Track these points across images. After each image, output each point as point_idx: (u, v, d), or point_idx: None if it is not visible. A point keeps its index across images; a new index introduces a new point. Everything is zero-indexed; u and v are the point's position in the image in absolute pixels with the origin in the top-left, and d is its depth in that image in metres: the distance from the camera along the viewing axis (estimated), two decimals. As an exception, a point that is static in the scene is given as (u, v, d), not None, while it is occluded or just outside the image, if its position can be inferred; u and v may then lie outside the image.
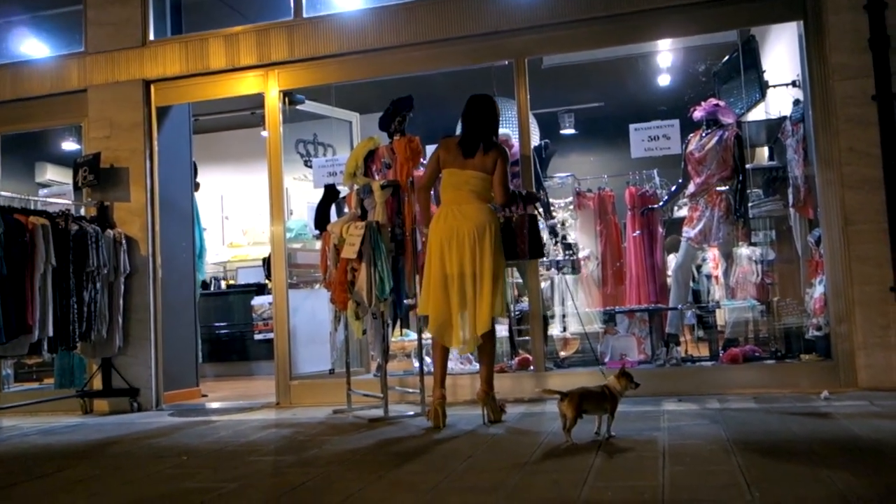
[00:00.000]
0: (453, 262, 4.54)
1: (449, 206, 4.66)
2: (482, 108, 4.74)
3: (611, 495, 2.70)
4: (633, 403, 4.80)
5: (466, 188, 4.63)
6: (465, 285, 4.53)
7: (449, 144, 4.75)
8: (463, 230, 4.54)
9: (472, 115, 4.74)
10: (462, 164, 4.64)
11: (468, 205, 4.61)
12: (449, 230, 4.57)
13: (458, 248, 4.53)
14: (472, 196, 4.63)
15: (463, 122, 4.77)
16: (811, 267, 5.71)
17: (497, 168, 4.63)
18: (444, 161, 4.72)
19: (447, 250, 4.56)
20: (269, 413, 5.70)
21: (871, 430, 3.65)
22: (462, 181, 4.64)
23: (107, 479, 3.62)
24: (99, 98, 6.58)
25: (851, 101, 5.12)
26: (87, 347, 6.12)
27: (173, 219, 6.74)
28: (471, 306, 4.52)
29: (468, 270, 4.52)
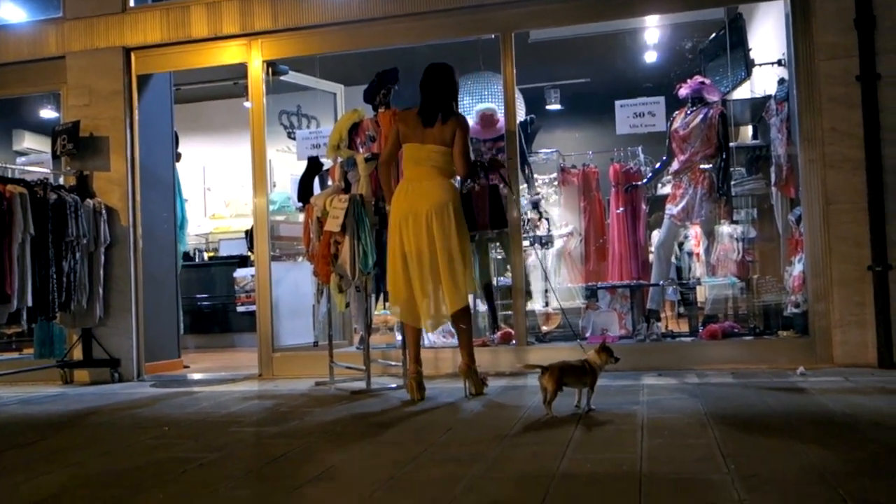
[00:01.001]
0: (411, 241, 4.50)
1: (409, 182, 4.60)
2: (440, 76, 4.64)
3: (590, 467, 2.74)
4: (614, 378, 4.84)
5: (427, 163, 4.56)
6: (424, 265, 4.49)
7: (407, 117, 4.67)
8: (421, 209, 4.49)
9: (429, 84, 4.64)
10: (422, 137, 4.56)
11: (428, 181, 4.54)
12: (407, 208, 4.52)
13: (416, 228, 4.49)
14: (433, 172, 4.56)
15: (421, 91, 4.67)
16: (791, 245, 5.76)
17: (456, 139, 4.54)
18: (403, 135, 4.63)
19: (405, 229, 4.52)
20: (251, 385, 5.70)
21: (844, 405, 3.71)
22: (423, 156, 4.57)
23: (87, 449, 3.62)
24: (78, 65, 6.48)
25: (836, 80, 5.13)
26: (66, 318, 6.09)
27: (154, 189, 6.68)
28: (436, 286, 4.49)
29: (426, 249, 4.47)
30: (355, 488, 2.60)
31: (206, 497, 2.60)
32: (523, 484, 2.57)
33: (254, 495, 2.62)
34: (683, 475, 2.58)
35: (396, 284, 4.58)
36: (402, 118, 4.70)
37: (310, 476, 2.80)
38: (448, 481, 2.62)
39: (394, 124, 4.72)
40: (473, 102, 7.06)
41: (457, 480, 2.62)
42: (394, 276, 4.60)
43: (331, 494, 2.57)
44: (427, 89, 4.64)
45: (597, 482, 2.56)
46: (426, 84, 4.65)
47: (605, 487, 2.49)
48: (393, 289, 4.62)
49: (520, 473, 2.71)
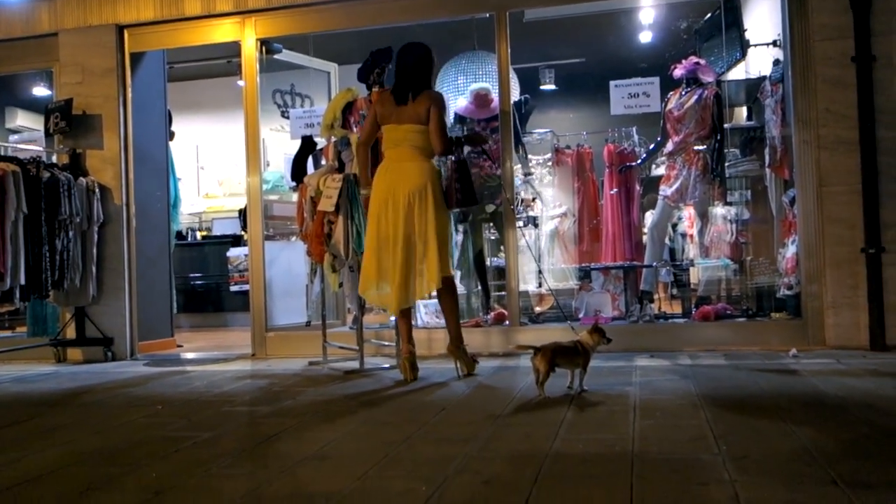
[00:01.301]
0: (388, 224, 4.48)
1: (389, 163, 4.57)
2: (413, 55, 4.62)
3: (582, 447, 2.75)
4: (606, 359, 4.86)
5: (406, 144, 4.53)
6: (399, 248, 4.46)
7: (383, 98, 4.65)
8: (399, 191, 4.46)
9: (402, 63, 4.62)
10: (399, 118, 4.53)
11: (408, 162, 4.52)
12: (386, 190, 4.50)
13: (394, 211, 4.47)
14: (413, 152, 4.53)
15: (395, 71, 4.67)
16: (784, 227, 5.77)
17: (431, 116, 4.49)
18: (381, 116, 4.60)
19: (383, 212, 4.50)
20: (244, 364, 5.71)
21: (836, 387, 3.73)
22: (401, 137, 4.54)
23: (80, 427, 3.62)
24: (70, 42, 6.42)
25: (831, 61, 5.12)
26: (59, 296, 6.08)
27: (147, 168, 6.65)
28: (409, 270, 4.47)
29: (402, 233, 4.45)
30: (348, 467, 2.61)
31: (200, 476, 2.61)
32: (516, 464, 2.58)
33: (247, 474, 2.63)
34: (675, 456, 2.60)
35: (369, 269, 4.56)
36: (378, 99, 4.68)
37: (303, 455, 2.81)
38: (441, 461, 2.63)
39: (372, 107, 4.69)
40: (468, 82, 7.02)
41: (450, 460, 2.63)
42: (367, 260, 4.59)
43: (323, 473, 2.59)
44: (400, 68, 4.62)
45: (589, 462, 2.57)
46: (399, 63, 4.63)
47: (597, 467, 2.51)
48: (365, 273, 4.59)
49: (512, 453, 2.73)
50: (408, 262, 4.47)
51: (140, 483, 2.55)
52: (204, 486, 2.50)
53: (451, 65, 7.31)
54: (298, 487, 2.43)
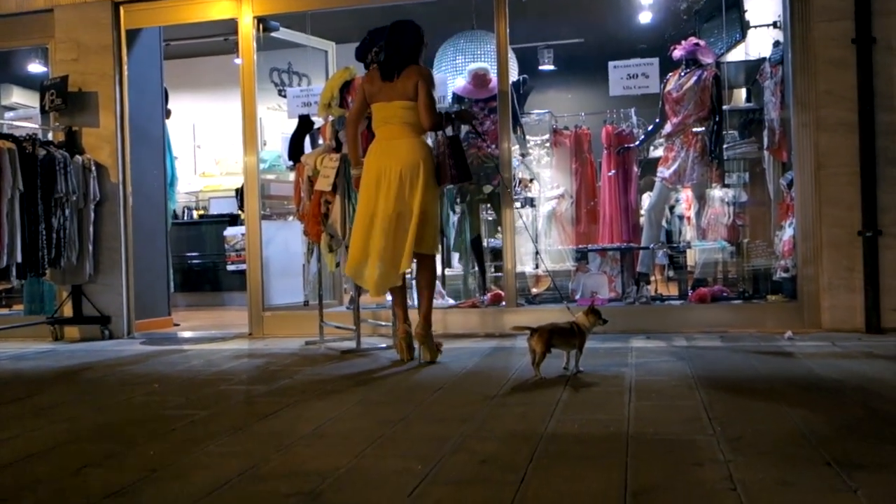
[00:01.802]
0: (380, 201, 4.40)
1: (380, 142, 4.51)
2: (400, 32, 4.54)
3: (577, 428, 2.76)
4: (602, 340, 4.88)
5: (397, 121, 4.46)
6: (389, 226, 4.38)
7: (371, 76, 4.58)
8: (392, 169, 4.39)
9: (388, 40, 4.57)
10: (388, 94, 4.45)
11: (400, 140, 4.44)
12: (378, 168, 4.43)
13: (386, 188, 4.39)
14: (404, 129, 4.46)
15: (385, 44, 4.63)
16: (782, 209, 5.77)
17: (420, 91, 4.41)
18: (369, 94, 4.52)
19: (374, 189, 4.42)
20: (241, 343, 5.72)
21: (831, 369, 3.75)
22: (391, 114, 4.46)
23: (77, 404, 3.63)
24: (66, 18, 6.37)
25: (832, 43, 5.10)
26: (56, 274, 6.07)
27: (144, 146, 6.63)
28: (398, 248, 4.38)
29: (393, 212, 4.36)
30: (344, 446, 2.62)
31: (197, 454, 2.62)
32: (511, 443, 2.59)
33: (244, 452, 2.63)
34: (670, 436, 2.61)
35: (356, 245, 4.48)
36: (367, 77, 4.61)
37: (299, 434, 2.82)
38: (437, 440, 2.64)
39: (361, 85, 4.61)
40: (466, 61, 6.98)
41: (446, 439, 2.64)
42: (355, 236, 4.50)
43: (320, 452, 2.60)
44: (387, 45, 4.57)
45: (584, 442, 2.58)
46: (386, 40, 4.58)
47: (593, 447, 2.52)
48: (352, 250, 4.51)
49: (508, 433, 2.74)
50: (397, 240, 4.38)
51: (137, 461, 2.56)
52: (200, 463, 2.51)
53: (449, 44, 7.26)
54: (295, 466, 2.44)
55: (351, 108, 4.74)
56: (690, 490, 2.06)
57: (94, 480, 2.38)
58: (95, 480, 2.38)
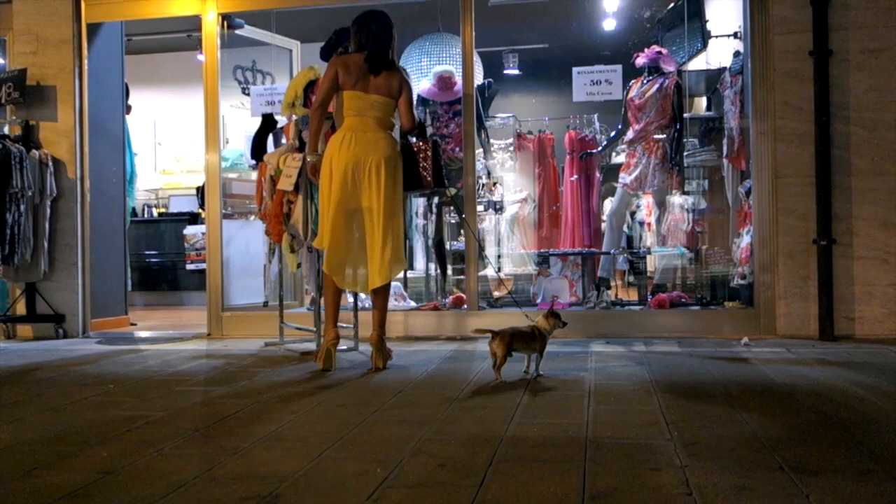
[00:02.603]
0: (358, 194, 4.25)
1: (352, 132, 4.28)
2: (385, 23, 4.38)
3: (537, 431, 2.78)
4: (563, 344, 4.91)
5: (371, 114, 4.31)
6: (364, 220, 4.29)
7: (348, 63, 4.32)
8: (369, 161, 4.23)
9: (375, 29, 4.35)
10: (365, 86, 4.29)
11: (374, 133, 4.29)
12: (354, 158, 4.23)
13: (366, 180, 4.23)
14: (376, 123, 4.32)
15: (364, 37, 4.36)
16: (740, 217, 5.87)
17: (405, 92, 4.38)
18: (343, 81, 4.30)
19: (351, 181, 4.22)
20: (199, 344, 5.65)
21: (785, 375, 3.81)
22: (367, 106, 4.30)
23: (29, 405, 3.56)
24: (25, 10, 6.24)
25: (789, 55, 5.20)
26: (9, 271, 5.95)
27: (103, 142, 6.52)
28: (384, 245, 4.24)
29: (367, 205, 4.25)
30: (303, 449, 2.60)
31: (152, 456, 2.58)
32: (471, 447, 2.59)
33: (200, 455, 2.60)
34: (628, 441, 2.63)
35: (338, 242, 4.27)
36: (342, 63, 4.33)
37: (258, 436, 2.79)
38: (396, 443, 2.64)
39: (331, 68, 4.35)
40: (431, 64, 6.99)
41: (405, 442, 2.64)
42: (334, 232, 4.26)
43: (278, 454, 2.57)
44: (373, 35, 4.35)
45: (543, 446, 2.59)
46: (372, 29, 4.36)
47: (552, 451, 2.53)
48: (333, 247, 4.27)
49: (467, 436, 2.74)
50: (382, 236, 4.24)
51: (89, 463, 2.52)
52: (155, 466, 2.47)
53: (414, 46, 7.27)
54: (252, 468, 2.41)
55: (321, 89, 4.40)
56: (647, 495, 2.08)
57: (46, 482, 2.33)
58: (47, 482, 2.33)
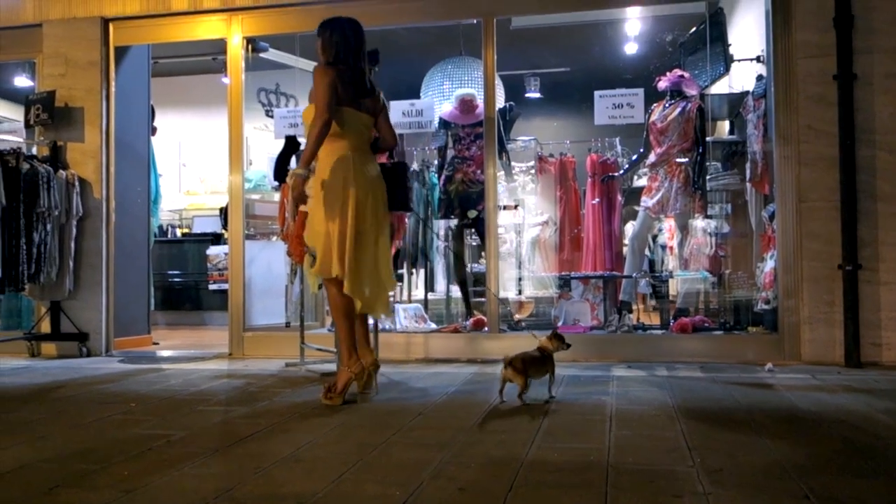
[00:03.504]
0: (367, 219, 3.99)
1: (357, 153, 4.01)
2: (363, 36, 4.13)
3: (557, 456, 2.75)
4: (584, 368, 4.88)
5: (365, 134, 4.11)
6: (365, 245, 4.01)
7: (342, 75, 3.97)
8: (377, 185, 4.07)
9: (358, 45, 4.08)
10: (356, 104, 4.03)
11: (369, 154, 4.11)
12: (367, 183, 3.99)
13: (373, 205, 4.02)
14: (367, 144, 4.13)
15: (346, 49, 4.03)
16: (764, 241, 5.82)
17: (385, 110, 4.22)
18: (341, 94, 3.95)
19: (363, 205, 3.96)
20: (220, 363, 5.67)
21: (810, 402, 3.76)
22: (361, 125, 4.07)
23: (52, 422, 3.58)
24: (55, 34, 6.37)
25: (813, 79, 5.17)
26: (35, 289, 6.01)
27: (129, 163, 6.60)
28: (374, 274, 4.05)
29: (369, 229, 4.01)
30: (323, 470, 2.60)
31: (173, 475, 2.58)
32: (491, 470, 2.58)
33: (220, 474, 2.60)
34: (650, 467, 2.60)
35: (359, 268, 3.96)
36: (337, 73, 3.95)
37: (277, 457, 2.79)
38: (416, 466, 2.63)
39: (329, 75, 3.93)
40: (453, 87, 7.04)
41: (425, 465, 2.63)
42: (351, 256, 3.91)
43: (298, 475, 2.57)
44: (357, 51, 4.07)
45: (564, 471, 2.57)
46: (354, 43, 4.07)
47: (572, 476, 2.51)
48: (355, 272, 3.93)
49: (487, 460, 2.72)
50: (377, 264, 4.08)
51: (111, 481, 2.53)
52: (176, 485, 2.48)
53: (437, 69, 7.32)
54: (271, 489, 2.41)
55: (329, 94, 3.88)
56: (669, 521, 2.06)
57: (68, 500, 2.34)
58: (69, 500, 2.34)
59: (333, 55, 4.04)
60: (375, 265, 4.07)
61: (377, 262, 4.08)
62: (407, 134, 6.56)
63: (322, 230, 3.99)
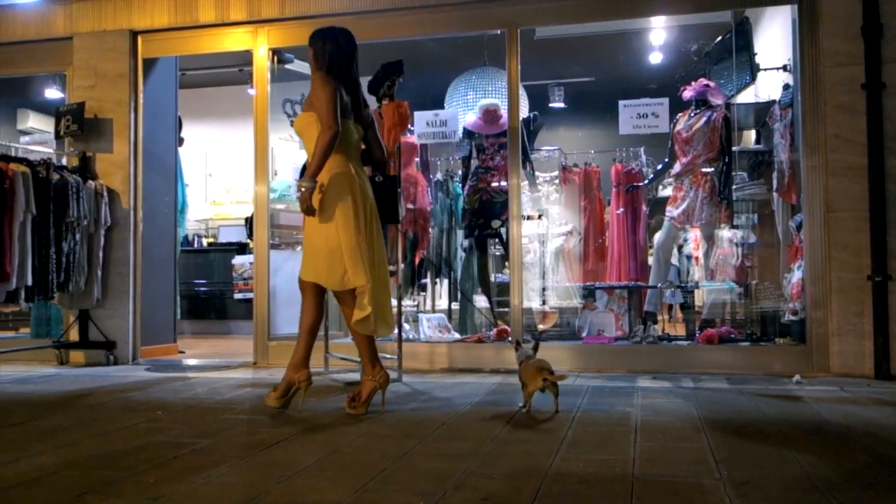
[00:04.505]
0: (373, 234, 3.93)
1: (356, 167, 3.95)
2: (355, 45, 4.04)
3: (582, 467, 2.74)
4: (608, 379, 4.85)
5: (359, 147, 4.07)
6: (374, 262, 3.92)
7: (342, 86, 3.90)
8: (373, 201, 4.01)
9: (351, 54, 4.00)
10: (352, 115, 3.97)
11: (363, 168, 4.06)
12: (367, 198, 3.93)
13: (375, 221, 3.99)
14: (360, 158, 4.06)
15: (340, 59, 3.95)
16: (791, 252, 5.76)
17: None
18: (342, 106, 3.87)
19: (366, 220, 3.89)
20: (245, 372, 5.70)
21: (839, 414, 3.71)
22: (358, 138, 4.03)
23: (79, 430, 3.62)
24: (84, 46, 6.47)
25: (841, 87, 5.12)
26: (64, 298, 6.08)
27: (156, 173, 6.68)
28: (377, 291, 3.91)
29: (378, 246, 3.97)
30: (346, 479, 2.60)
31: (197, 483, 2.60)
32: (514, 481, 2.57)
33: (245, 483, 2.62)
34: (675, 479, 2.58)
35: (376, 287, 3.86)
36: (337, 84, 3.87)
37: (302, 465, 2.80)
38: (439, 476, 2.62)
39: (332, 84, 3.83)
40: (477, 97, 7.06)
41: (448, 475, 2.62)
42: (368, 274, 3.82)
43: (321, 485, 2.57)
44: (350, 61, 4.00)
45: (588, 482, 2.56)
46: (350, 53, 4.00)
47: (597, 487, 2.49)
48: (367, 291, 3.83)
49: (511, 470, 2.71)
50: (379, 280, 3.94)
51: (136, 489, 2.55)
52: (201, 493, 2.49)
53: (460, 80, 7.34)
54: (296, 497, 2.42)
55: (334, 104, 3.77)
56: (695, 534, 2.04)
57: (94, 507, 2.37)
58: (95, 508, 2.37)
59: (327, 65, 3.93)
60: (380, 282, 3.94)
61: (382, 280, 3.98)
62: (431, 144, 6.58)
63: (322, 245, 3.86)
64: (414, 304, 6.85)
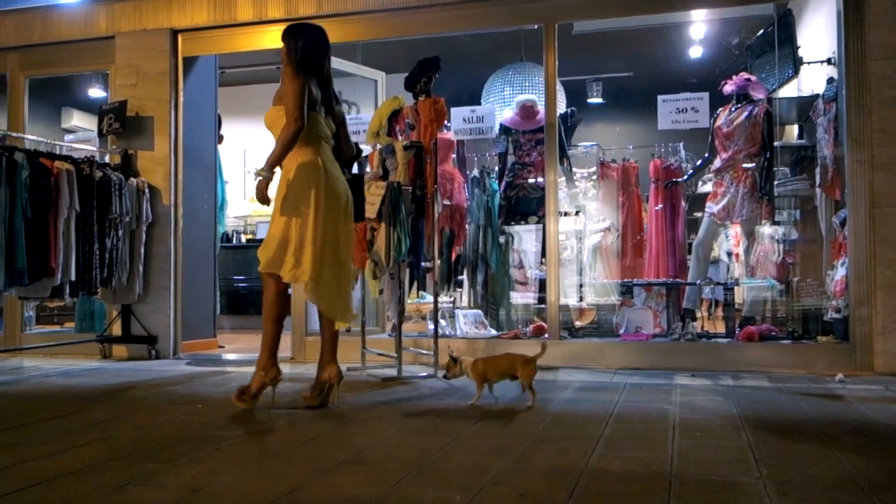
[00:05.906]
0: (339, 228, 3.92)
1: (326, 160, 3.93)
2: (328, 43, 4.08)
3: (619, 465, 2.72)
4: (646, 376, 4.81)
5: (330, 142, 4.03)
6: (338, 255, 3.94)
7: (311, 83, 3.92)
8: (347, 195, 4.00)
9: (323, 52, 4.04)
10: (322, 111, 3.98)
11: (335, 163, 4.00)
12: (338, 192, 3.92)
13: (344, 215, 3.96)
14: (331, 153, 4.02)
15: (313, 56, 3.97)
16: (834, 248, 5.66)
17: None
18: (311, 101, 3.90)
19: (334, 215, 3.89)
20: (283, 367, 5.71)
21: (884, 414, 3.64)
22: (329, 133, 4.01)
23: (122, 422, 3.68)
24: (126, 46, 6.58)
25: (887, 81, 5.02)
26: (107, 293, 6.20)
27: (196, 170, 6.77)
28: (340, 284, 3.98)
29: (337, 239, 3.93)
30: (383, 474, 2.62)
31: (236, 476, 2.63)
32: (551, 478, 2.56)
33: (283, 476, 2.64)
34: (714, 477, 2.55)
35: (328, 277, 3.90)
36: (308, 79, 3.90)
37: (338, 460, 2.82)
38: (476, 472, 2.62)
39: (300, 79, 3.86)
40: (514, 93, 7.03)
41: (485, 471, 2.62)
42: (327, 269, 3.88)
43: (358, 479, 2.59)
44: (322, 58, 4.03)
45: (626, 480, 2.54)
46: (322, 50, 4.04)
47: (634, 485, 2.47)
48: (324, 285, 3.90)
49: (548, 467, 2.71)
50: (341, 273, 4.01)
51: (178, 481, 2.59)
52: (240, 486, 2.53)
53: (497, 75, 7.33)
54: (333, 491, 2.44)
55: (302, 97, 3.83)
56: (735, 533, 2.01)
57: (136, 499, 2.41)
58: (137, 499, 2.41)
59: (298, 60, 3.95)
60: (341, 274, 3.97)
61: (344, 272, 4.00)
62: (468, 140, 6.58)
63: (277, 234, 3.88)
64: (450, 301, 6.85)
